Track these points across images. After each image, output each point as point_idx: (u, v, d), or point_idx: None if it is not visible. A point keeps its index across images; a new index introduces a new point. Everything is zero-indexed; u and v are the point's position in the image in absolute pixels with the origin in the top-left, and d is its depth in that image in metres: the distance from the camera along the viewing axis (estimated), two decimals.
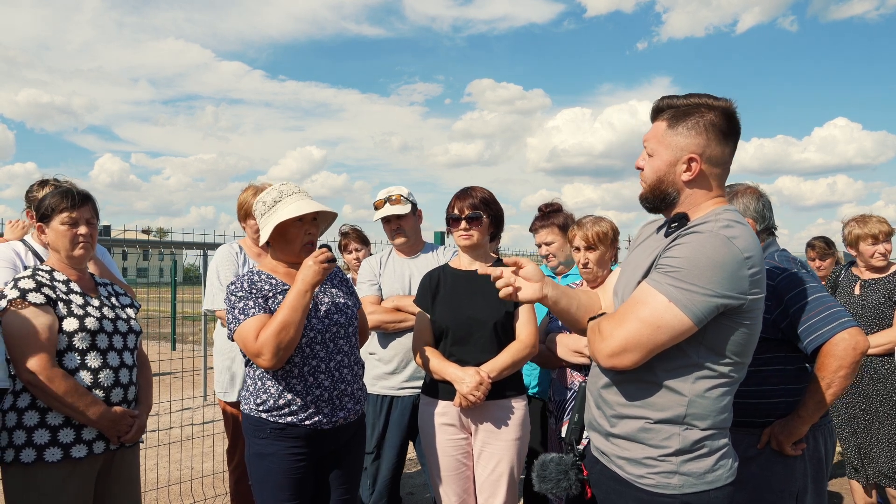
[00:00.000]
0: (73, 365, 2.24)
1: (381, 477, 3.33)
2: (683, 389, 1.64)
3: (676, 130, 1.71)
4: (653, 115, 1.81)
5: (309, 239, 2.41)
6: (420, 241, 3.53)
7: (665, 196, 1.75)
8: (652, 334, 1.59)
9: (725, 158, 1.73)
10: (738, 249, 1.57)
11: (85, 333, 2.26)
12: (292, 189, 2.42)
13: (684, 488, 1.64)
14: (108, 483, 2.34)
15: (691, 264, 1.57)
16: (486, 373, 2.54)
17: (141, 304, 2.67)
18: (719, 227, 1.60)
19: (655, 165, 1.75)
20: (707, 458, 1.66)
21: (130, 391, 2.38)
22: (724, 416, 1.69)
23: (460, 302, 2.68)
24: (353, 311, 2.52)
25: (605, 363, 1.67)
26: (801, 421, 2.07)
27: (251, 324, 2.25)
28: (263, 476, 2.33)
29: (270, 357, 2.20)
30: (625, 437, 1.72)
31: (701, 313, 1.56)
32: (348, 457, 2.49)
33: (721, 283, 1.55)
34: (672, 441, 1.65)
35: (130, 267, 21.66)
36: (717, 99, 1.72)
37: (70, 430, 2.22)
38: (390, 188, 3.43)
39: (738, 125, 1.74)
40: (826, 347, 1.99)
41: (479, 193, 2.74)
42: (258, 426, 2.34)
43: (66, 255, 2.34)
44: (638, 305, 1.62)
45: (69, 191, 2.36)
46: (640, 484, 1.68)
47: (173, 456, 5.20)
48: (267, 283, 2.38)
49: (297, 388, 2.31)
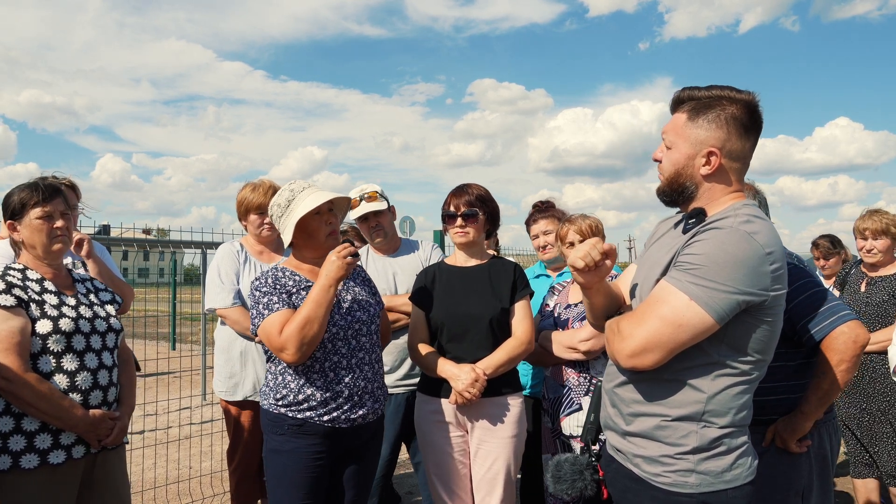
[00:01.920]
0: (47, 368, 2.14)
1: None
2: (702, 387, 1.61)
3: (697, 123, 1.67)
4: (673, 106, 1.76)
5: (331, 229, 2.41)
6: (397, 238, 3.49)
7: (683, 190, 1.72)
8: (673, 333, 1.55)
9: (746, 153, 1.69)
10: (760, 245, 1.54)
11: (59, 335, 2.16)
12: (303, 185, 2.42)
13: (701, 487, 1.61)
14: (92, 487, 2.27)
15: (712, 261, 1.54)
16: (481, 370, 2.53)
17: (123, 300, 2.58)
18: (739, 223, 1.57)
19: (674, 158, 1.71)
20: (725, 457, 1.62)
21: (111, 392, 2.29)
22: (743, 414, 1.65)
23: (456, 298, 2.67)
24: (376, 309, 2.52)
25: (625, 364, 1.63)
26: (804, 417, 2.04)
27: (275, 319, 2.25)
28: (279, 473, 2.32)
29: (294, 351, 2.20)
30: (641, 434, 1.69)
31: (723, 311, 1.53)
32: (365, 457, 2.48)
33: (743, 280, 1.52)
34: (689, 439, 1.62)
35: (131, 267, 21.67)
36: (740, 92, 1.67)
37: (47, 435, 2.13)
38: (363, 186, 3.37)
39: (760, 119, 1.69)
40: (826, 341, 1.98)
41: (475, 190, 2.73)
42: (276, 422, 2.33)
43: (43, 250, 2.26)
44: (658, 304, 1.59)
45: (37, 184, 2.28)
46: (657, 482, 1.65)
47: (172, 455, 5.19)
48: (291, 279, 2.38)
49: (318, 383, 2.31)
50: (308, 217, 2.37)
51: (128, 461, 2.34)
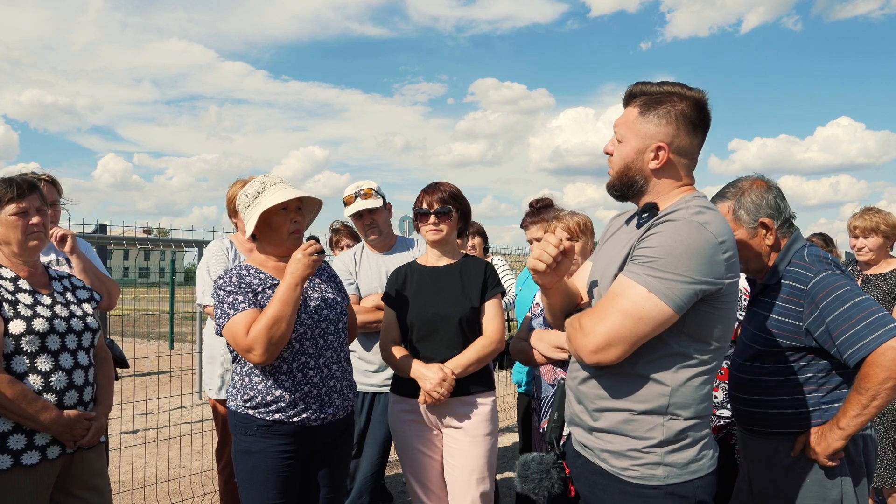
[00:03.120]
0: (21, 369, 2.12)
1: (362, 474, 3.30)
2: (665, 380, 1.64)
3: (647, 118, 1.71)
4: (625, 100, 1.79)
5: (295, 227, 2.38)
6: (392, 236, 3.49)
7: (633, 184, 1.75)
8: (634, 326, 1.57)
9: (694, 149, 1.73)
10: (712, 234, 1.57)
11: (33, 336, 2.14)
12: (274, 180, 2.40)
13: (669, 479, 1.64)
14: (69, 487, 2.25)
15: (667, 253, 1.56)
16: (450, 369, 2.52)
17: (102, 296, 2.55)
18: (691, 214, 1.60)
19: (624, 152, 1.74)
20: (691, 449, 1.66)
21: (87, 392, 2.27)
22: (705, 405, 1.68)
23: (426, 298, 2.66)
24: (343, 306, 2.50)
25: (589, 359, 1.65)
26: (840, 433, 1.91)
27: (241, 319, 2.22)
28: (249, 473, 2.30)
29: (263, 352, 2.17)
30: (608, 430, 1.71)
31: (681, 301, 1.56)
32: (336, 455, 2.47)
33: (698, 270, 1.55)
34: (656, 432, 1.64)
35: (131, 266, 21.66)
36: (691, 89, 1.71)
37: (21, 435, 2.11)
38: (359, 182, 3.37)
39: (708, 117, 1.73)
40: (872, 357, 1.84)
41: (447, 188, 2.73)
42: (245, 423, 2.31)
43: (18, 247, 2.23)
44: (618, 298, 1.60)
45: (13, 179, 2.26)
46: (625, 476, 1.67)
47: (165, 454, 5.19)
48: (255, 277, 2.35)
49: (286, 384, 2.29)
50: (273, 211, 2.34)
51: (121, 460, 2.30)
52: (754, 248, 2.15)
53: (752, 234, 2.14)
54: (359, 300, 3.30)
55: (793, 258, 2.09)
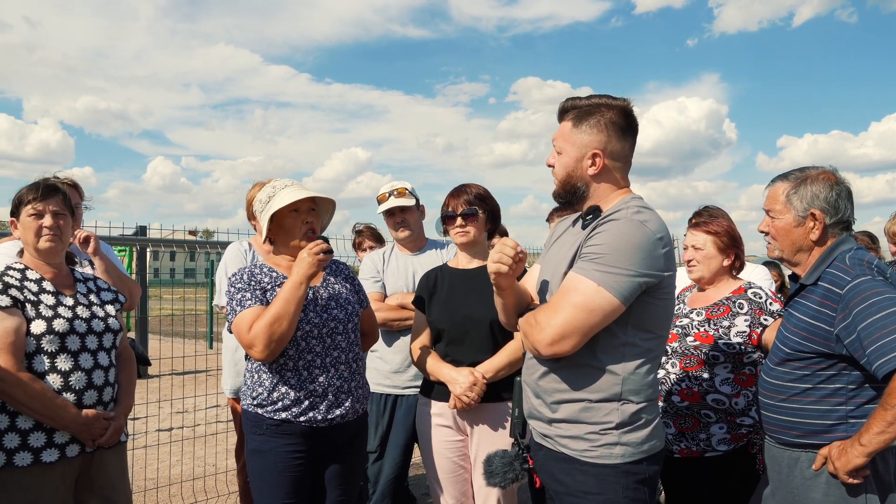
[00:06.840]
0: (42, 368, 2.18)
1: (384, 476, 3.28)
2: (616, 370, 1.79)
3: (580, 129, 1.87)
4: (559, 115, 1.94)
5: (308, 227, 2.40)
6: (423, 238, 3.49)
7: (575, 190, 1.90)
8: (586, 318, 1.71)
9: (626, 153, 1.90)
10: (652, 231, 1.74)
11: (53, 336, 2.20)
12: (286, 183, 2.43)
13: (625, 458, 1.78)
14: (89, 486, 2.29)
15: (613, 249, 1.71)
16: (480, 373, 2.49)
17: (127, 299, 2.61)
18: (631, 214, 1.76)
19: (564, 162, 1.89)
20: (644, 429, 1.82)
21: (106, 392, 2.31)
22: (652, 390, 1.85)
23: (456, 301, 2.63)
24: (356, 307, 2.50)
25: (545, 352, 1.77)
26: (861, 450, 1.80)
27: (246, 315, 2.26)
28: (261, 473, 2.32)
29: (262, 349, 2.20)
30: (567, 419, 1.84)
31: (627, 293, 1.71)
32: (348, 457, 2.47)
33: (641, 263, 1.71)
34: (612, 416, 1.79)
35: (178, 267, 22.40)
36: (616, 98, 1.88)
37: (41, 433, 2.17)
38: (394, 182, 3.42)
39: (635, 122, 1.89)
40: None
41: (473, 190, 2.71)
42: (255, 422, 2.33)
43: (32, 247, 2.29)
44: (570, 293, 1.74)
45: (37, 183, 2.34)
46: (585, 457, 1.80)
47: (197, 452, 5.29)
48: (267, 275, 2.39)
49: (291, 381, 2.30)
50: (285, 213, 2.37)
51: (157, 457, 2.32)
52: (796, 236, 2.06)
53: (799, 222, 2.05)
54: (383, 298, 3.30)
55: (835, 259, 1.98)
